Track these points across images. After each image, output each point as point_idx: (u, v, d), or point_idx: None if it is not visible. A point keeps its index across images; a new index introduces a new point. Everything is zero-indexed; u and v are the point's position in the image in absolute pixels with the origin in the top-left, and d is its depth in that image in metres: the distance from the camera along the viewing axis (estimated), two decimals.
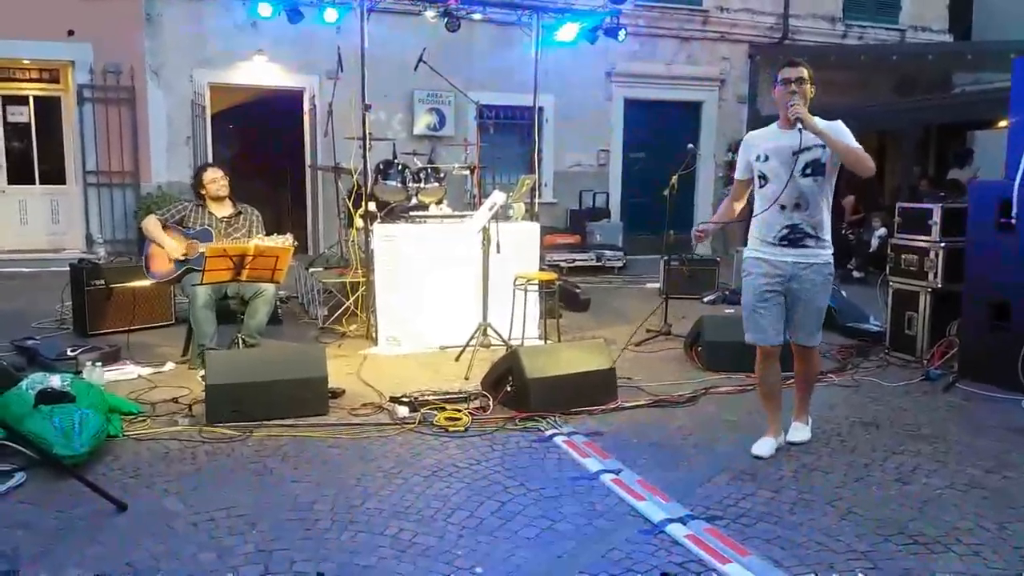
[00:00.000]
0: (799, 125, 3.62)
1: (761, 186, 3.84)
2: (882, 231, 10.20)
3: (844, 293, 7.59)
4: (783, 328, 3.91)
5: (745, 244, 4.04)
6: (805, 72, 3.72)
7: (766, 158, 3.79)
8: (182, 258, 5.50)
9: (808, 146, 3.67)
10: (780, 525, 3.20)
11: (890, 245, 6.20)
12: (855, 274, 10.51)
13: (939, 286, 5.71)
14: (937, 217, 5.73)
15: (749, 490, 3.54)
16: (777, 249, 3.79)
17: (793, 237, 3.76)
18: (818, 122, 3.66)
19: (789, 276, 3.79)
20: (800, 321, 3.86)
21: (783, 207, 3.75)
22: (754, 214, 3.88)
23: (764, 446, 3.97)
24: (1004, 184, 5.22)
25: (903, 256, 5.98)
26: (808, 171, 3.70)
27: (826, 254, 3.81)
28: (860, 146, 3.66)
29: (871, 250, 10.46)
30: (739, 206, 4.06)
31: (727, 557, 2.89)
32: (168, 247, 5.50)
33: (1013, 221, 5.08)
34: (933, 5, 14.99)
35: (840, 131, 3.68)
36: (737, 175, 4.02)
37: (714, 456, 3.98)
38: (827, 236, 3.80)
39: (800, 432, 4.12)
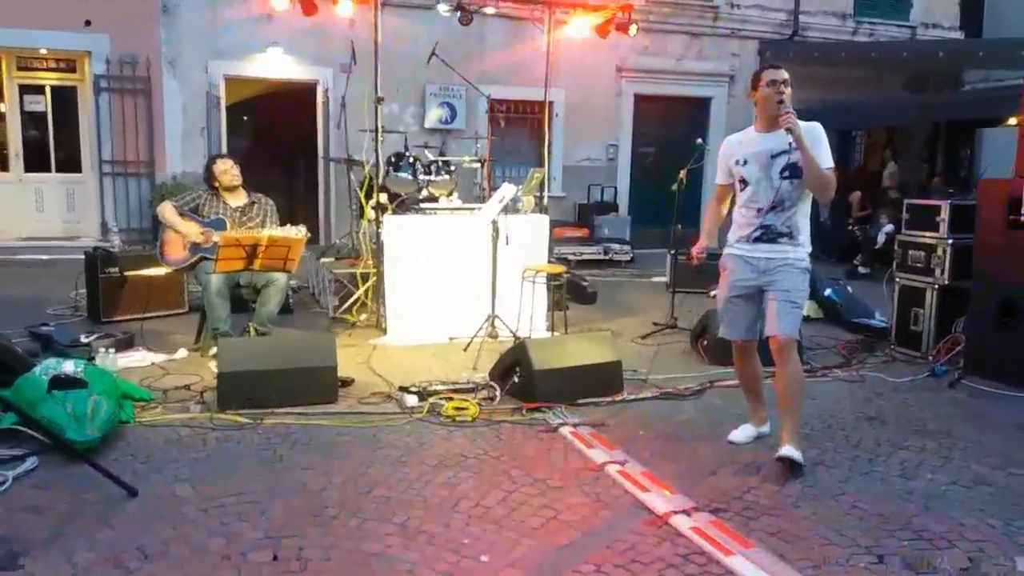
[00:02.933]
0: (786, 131, 3.59)
1: (741, 189, 3.84)
2: (889, 227, 10.18)
3: (850, 288, 7.59)
4: (755, 324, 3.91)
5: None
6: (788, 75, 3.70)
7: (744, 162, 3.79)
8: (200, 239, 5.55)
9: (785, 149, 3.65)
10: (784, 518, 3.22)
11: (897, 241, 6.21)
12: (861, 270, 10.49)
13: (946, 283, 5.72)
14: (945, 214, 5.74)
15: (754, 483, 3.56)
16: (751, 245, 3.80)
17: (768, 236, 3.76)
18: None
19: (762, 270, 3.76)
20: (768, 311, 3.74)
21: (760, 209, 3.75)
22: (734, 217, 3.92)
23: (740, 433, 4.10)
24: (1013, 181, 5.22)
25: (910, 252, 5.99)
26: (786, 174, 3.69)
27: (800, 252, 3.75)
28: (832, 166, 3.66)
29: (877, 246, 10.44)
30: (724, 208, 4.06)
31: (731, 549, 2.91)
32: (184, 230, 5.56)
33: (1022, 219, 5.09)
34: (944, 2, 14.90)
35: (816, 139, 3.64)
36: (718, 179, 4.01)
37: (719, 449, 4.00)
38: (803, 238, 3.76)
39: (790, 451, 3.66)
